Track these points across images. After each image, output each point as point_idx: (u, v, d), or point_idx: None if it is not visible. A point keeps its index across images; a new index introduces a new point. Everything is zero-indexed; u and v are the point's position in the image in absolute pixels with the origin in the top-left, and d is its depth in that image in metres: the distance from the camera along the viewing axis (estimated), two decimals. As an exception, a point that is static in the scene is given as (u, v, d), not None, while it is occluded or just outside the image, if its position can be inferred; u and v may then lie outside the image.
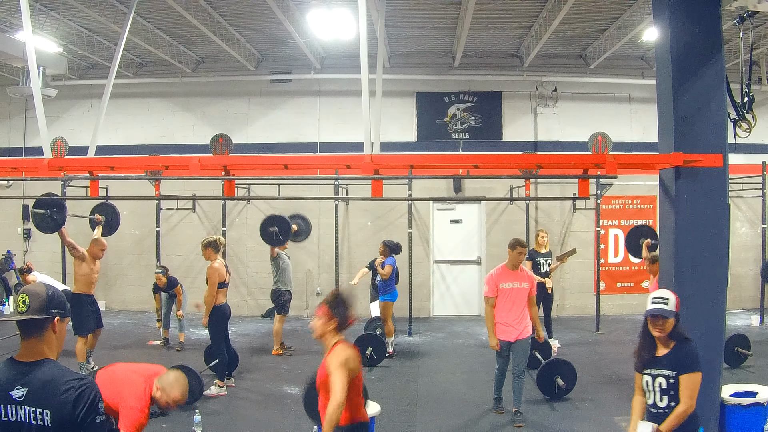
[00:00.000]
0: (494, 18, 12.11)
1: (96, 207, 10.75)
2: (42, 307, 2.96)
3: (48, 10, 11.28)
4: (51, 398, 2.83)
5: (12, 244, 15.11)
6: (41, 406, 2.83)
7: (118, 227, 10.87)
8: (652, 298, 4.58)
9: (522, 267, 7.92)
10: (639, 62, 14.78)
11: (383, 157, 7.29)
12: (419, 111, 15.10)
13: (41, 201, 9.65)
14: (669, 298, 4.54)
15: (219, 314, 9.02)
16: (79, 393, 2.86)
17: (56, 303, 3.03)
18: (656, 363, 4.53)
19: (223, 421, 7.86)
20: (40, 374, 2.88)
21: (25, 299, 2.95)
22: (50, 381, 2.86)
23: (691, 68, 6.03)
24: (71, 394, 2.84)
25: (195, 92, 15.30)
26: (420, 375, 9.98)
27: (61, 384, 2.86)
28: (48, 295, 2.99)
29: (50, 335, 2.99)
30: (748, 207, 14.91)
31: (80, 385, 2.88)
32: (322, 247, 14.80)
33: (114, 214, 10.71)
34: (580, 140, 14.13)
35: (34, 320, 2.94)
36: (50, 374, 2.89)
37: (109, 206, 10.82)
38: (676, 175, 6.01)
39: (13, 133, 15.64)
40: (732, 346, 9.64)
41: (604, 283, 14.32)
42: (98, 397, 2.93)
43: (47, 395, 2.84)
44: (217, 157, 12.78)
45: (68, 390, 2.85)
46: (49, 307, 2.98)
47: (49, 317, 2.98)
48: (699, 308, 5.90)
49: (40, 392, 2.84)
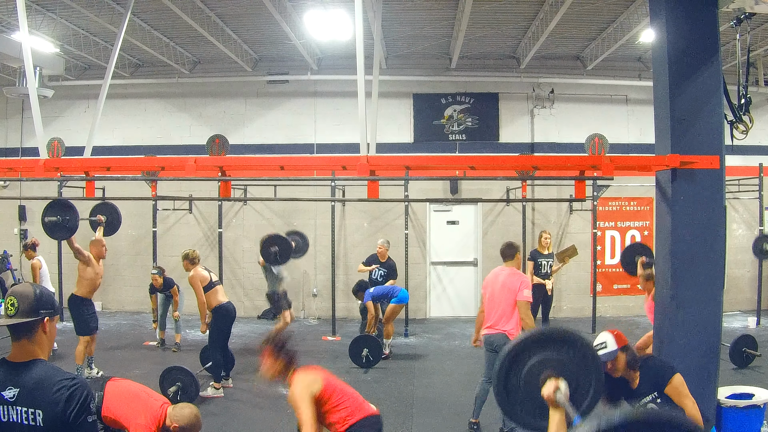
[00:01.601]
0: (491, 19, 12.11)
1: (96, 207, 10.71)
2: (31, 309, 2.96)
3: (45, 10, 11.27)
4: (42, 398, 2.84)
5: (8, 244, 15.07)
6: (33, 406, 2.83)
7: (119, 227, 10.83)
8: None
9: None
10: (636, 64, 14.80)
11: (380, 158, 7.28)
12: (416, 112, 15.10)
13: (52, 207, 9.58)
14: (606, 341, 4.63)
15: (223, 312, 9.03)
16: (70, 393, 2.86)
17: (44, 303, 3.02)
18: (637, 395, 4.58)
19: (220, 422, 7.85)
20: (31, 374, 2.89)
21: (14, 302, 2.95)
22: (42, 381, 2.87)
23: (688, 70, 6.03)
24: (63, 394, 2.84)
25: (192, 93, 15.29)
26: (416, 376, 9.98)
27: (52, 384, 2.86)
28: (36, 296, 2.99)
29: (41, 335, 3.00)
30: (745, 209, 14.93)
31: (72, 384, 2.88)
32: (319, 248, 14.79)
33: (115, 213, 10.68)
34: (576, 142, 14.15)
35: (23, 323, 2.94)
36: (42, 374, 2.89)
37: (110, 206, 10.78)
38: (672, 177, 6.00)
39: (9, 133, 15.62)
40: (740, 347, 9.69)
41: (600, 285, 14.33)
42: (90, 396, 2.93)
43: (39, 395, 2.84)
44: (214, 158, 12.75)
45: (60, 390, 2.85)
46: (38, 308, 2.98)
47: (39, 318, 2.97)
48: (695, 310, 5.91)
49: (31, 392, 2.85)
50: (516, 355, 3.57)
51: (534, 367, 3.52)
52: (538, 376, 3.49)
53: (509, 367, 3.57)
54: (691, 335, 5.88)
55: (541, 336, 3.72)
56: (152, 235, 14.15)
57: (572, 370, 3.53)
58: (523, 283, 7.37)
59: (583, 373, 3.57)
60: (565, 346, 3.61)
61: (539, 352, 3.56)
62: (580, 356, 3.58)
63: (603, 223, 14.67)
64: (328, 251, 13.73)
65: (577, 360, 3.57)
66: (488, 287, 7.58)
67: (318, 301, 15.00)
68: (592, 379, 3.58)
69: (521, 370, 3.55)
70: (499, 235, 14.67)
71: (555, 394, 3.34)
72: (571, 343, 3.62)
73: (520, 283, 7.34)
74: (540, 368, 3.53)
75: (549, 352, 3.56)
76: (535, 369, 3.52)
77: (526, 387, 3.54)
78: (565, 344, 3.62)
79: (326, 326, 13.53)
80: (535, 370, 3.51)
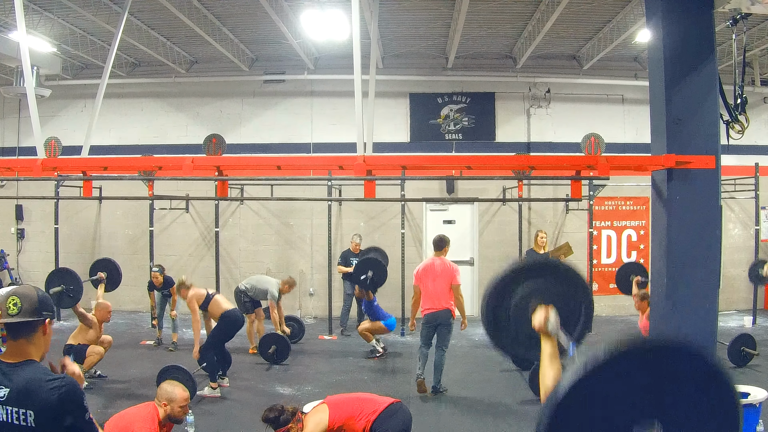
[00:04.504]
0: (487, 19, 12.12)
1: (95, 264, 10.71)
2: (34, 310, 2.97)
3: (42, 9, 11.25)
4: (34, 398, 2.84)
5: (5, 243, 15.07)
6: (24, 407, 2.84)
7: (120, 282, 10.81)
8: None
9: None
10: (632, 64, 14.83)
11: (376, 158, 7.30)
12: (412, 112, 15.12)
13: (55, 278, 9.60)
14: None
15: (232, 319, 9.07)
16: (61, 393, 2.86)
17: (46, 305, 3.05)
18: None
19: (216, 421, 7.86)
20: (23, 375, 2.89)
21: (16, 301, 2.94)
22: (33, 381, 2.87)
23: (684, 70, 6.05)
24: (54, 394, 2.85)
25: (188, 92, 15.28)
26: (412, 375, 9.98)
27: (43, 384, 2.87)
28: (39, 298, 3.01)
29: (39, 337, 3.01)
30: (741, 208, 14.96)
31: (62, 384, 2.89)
32: (315, 247, 14.81)
33: (114, 268, 10.66)
34: (573, 141, 14.18)
35: (25, 322, 2.95)
36: (32, 375, 2.90)
37: (108, 262, 10.79)
38: (668, 177, 6.02)
39: (6, 132, 15.60)
40: (738, 346, 9.72)
41: (596, 284, 14.34)
42: (82, 395, 2.94)
43: (30, 395, 2.84)
44: (210, 157, 12.79)
45: (51, 390, 2.86)
46: (41, 309, 2.99)
47: (41, 319, 2.98)
48: (691, 310, 5.93)
49: (22, 392, 2.85)
50: (501, 287, 3.48)
51: (522, 299, 3.44)
52: (526, 306, 3.40)
53: (496, 302, 3.51)
54: (686, 335, 5.90)
55: (523, 266, 3.66)
56: (149, 234, 14.15)
57: (560, 296, 3.43)
58: (456, 271, 9.13)
59: (571, 297, 3.48)
60: (549, 273, 3.55)
61: (524, 282, 3.48)
62: (566, 281, 3.53)
63: (599, 222, 14.68)
64: (325, 251, 13.74)
65: (564, 285, 3.52)
66: (427, 276, 9.10)
67: (314, 301, 15.01)
68: (582, 303, 3.53)
69: (509, 302, 3.46)
70: (495, 234, 14.71)
71: (546, 324, 3.27)
72: (554, 270, 3.57)
73: (454, 271, 9.09)
74: (527, 299, 3.46)
75: (534, 281, 3.48)
76: (522, 301, 3.43)
77: (515, 319, 3.45)
78: (549, 272, 3.56)
79: (323, 325, 13.54)
80: (522, 302, 3.43)
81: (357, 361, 10.91)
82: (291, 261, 14.89)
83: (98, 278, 10.24)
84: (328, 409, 5.05)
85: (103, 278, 10.26)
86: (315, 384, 9.50)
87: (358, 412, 5.09)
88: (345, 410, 5.07)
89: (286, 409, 5.02)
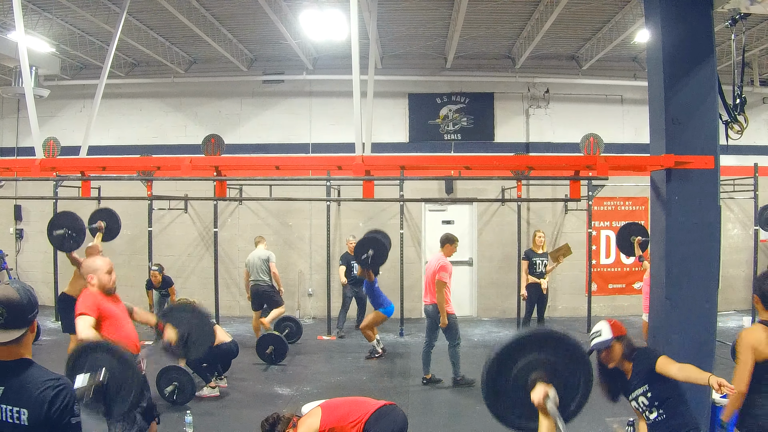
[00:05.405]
0: (486, 19, 12.13)
1: (95, 213, 10.72)
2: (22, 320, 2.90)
3: (40, 10, 11.24)
4: (28, 397, 2.83)
5: (4, 244, 15.06)
6: (18, 405, 2.83)
7: (119, 232, 10.85)
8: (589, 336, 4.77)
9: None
10: (631, 64, 14.83)
11: (375, 158, 7.29)
12: (411, 112, 15.11)
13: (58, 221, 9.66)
14: (601, 329, 4.65)
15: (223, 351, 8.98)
16: (56, 393, 2.85)
17: (32, 305, 2.97)
18: (630, 386, 4.59)
19: (215, 421, 7.85)
20: (17, 373, 2.88)
21: (2, 312, 2.85)
22: (27, 380, 2.86)
23: (683, 70, 6.04)
24: (48, 393, 2.84)
25: (187, 92, 15.28)
26: (411, 375, 9.99)
27: (38, 383, 2.86)
28: (24, 304, 2.92)
29: (28, 336, 2.97)
30: (740, 208, 14.97)
31: (57, 384, 2.88)
32: (314, 247, 14.80)
33: (114, 219, 10.68)
34: (572, 141, 14.18)
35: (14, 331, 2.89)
36: (28, 373, 2.89)
37: (108, 211, 10.79)
38: (667, 177, 6.01)
39: (5, 133, 15.60)
40: None
41: (595, 285, 14.35)
42: (75, 398, 2.93)
43: (24, 394, 2.83)
44: (209, 157, 12.76)
45: (45, 389, 2.84)
46: (26, 315, 2.93)
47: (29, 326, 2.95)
48: (690, 310, 5.93)
49: (17, 391, 2.84)
50: (505, 356, 3.61)
51: (523, 369, 3.57)
52: (527, 377, 3.54)
53: (498, 369, 3.60)
54: (686, 335, 5.89)
55: (529, 337, 3.76)
56: (148, 234, 14.14)
57: (561, 371, 3.58)
58: (440, 267, 9.28)
59: (572, 373, 3.60)
60: (553, 346, 3.64)
61: (528, 353, 3.60)
62: (569, 356, 3.61)
63: (598, 222, 14.68)
64: (324, 251, 13.74)
65: (566, 360, 3.60)
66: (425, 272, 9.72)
67: (313, 301, 15.01)
68: (582, 379, 3.61)
69: (510, 372, 3.59)
70: (494, 234, 14.71)
71: (545, 401, 3.35)
72: (559, 343, 3.66)
73: (438, 267, 9.28)
74: (529, 370, 3.56)
75: (538, 353, 3.60)
76: (524, 371, 3.56)
77: (515, 389, 3.58)
78: (554, 344, 3.65)
79: (322, 325, 13.53)
80: (524, 372, 3.57)
81: (356, 362, 10.91)
82: (290, 261, 14.87)
83: (97, 227, 10.28)
84: (321, 412, 5.05)
85: (102, 227, 10.29)
86: (314, 384, 9.50)
87: (350, 415, 5.08)
88: (337, 413, 5.07)
89: (282, 416, 5.01)
